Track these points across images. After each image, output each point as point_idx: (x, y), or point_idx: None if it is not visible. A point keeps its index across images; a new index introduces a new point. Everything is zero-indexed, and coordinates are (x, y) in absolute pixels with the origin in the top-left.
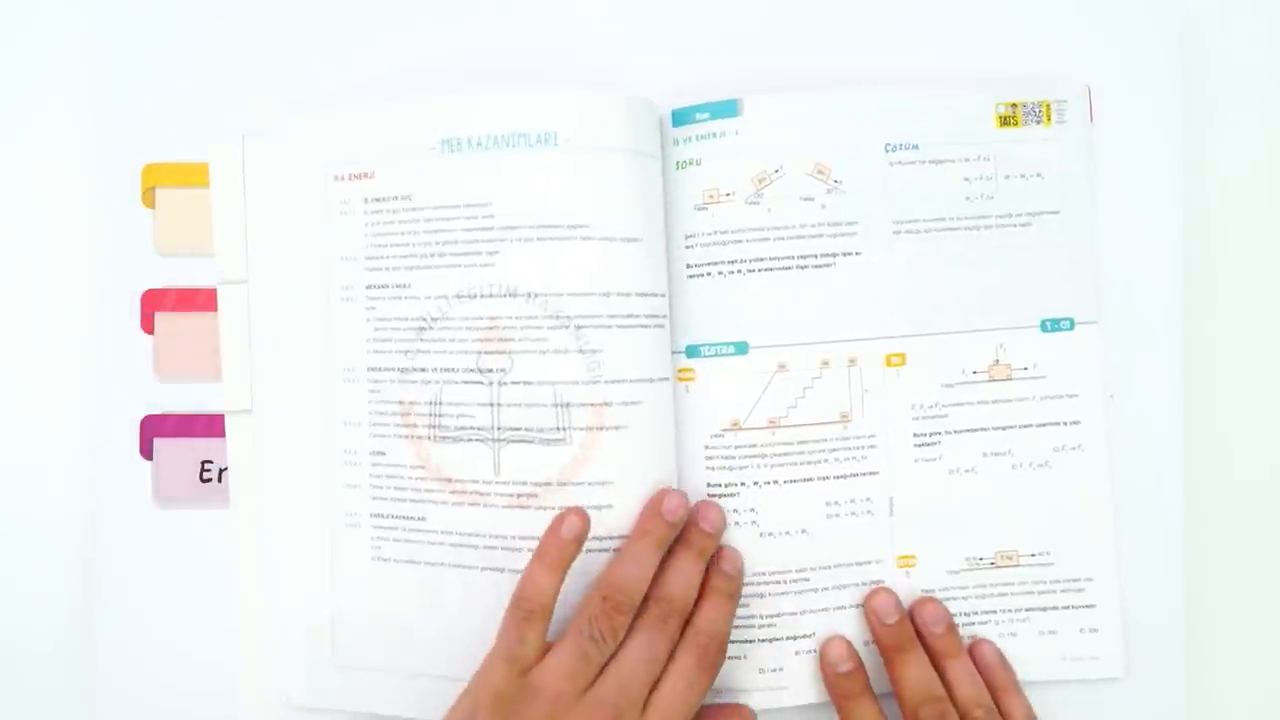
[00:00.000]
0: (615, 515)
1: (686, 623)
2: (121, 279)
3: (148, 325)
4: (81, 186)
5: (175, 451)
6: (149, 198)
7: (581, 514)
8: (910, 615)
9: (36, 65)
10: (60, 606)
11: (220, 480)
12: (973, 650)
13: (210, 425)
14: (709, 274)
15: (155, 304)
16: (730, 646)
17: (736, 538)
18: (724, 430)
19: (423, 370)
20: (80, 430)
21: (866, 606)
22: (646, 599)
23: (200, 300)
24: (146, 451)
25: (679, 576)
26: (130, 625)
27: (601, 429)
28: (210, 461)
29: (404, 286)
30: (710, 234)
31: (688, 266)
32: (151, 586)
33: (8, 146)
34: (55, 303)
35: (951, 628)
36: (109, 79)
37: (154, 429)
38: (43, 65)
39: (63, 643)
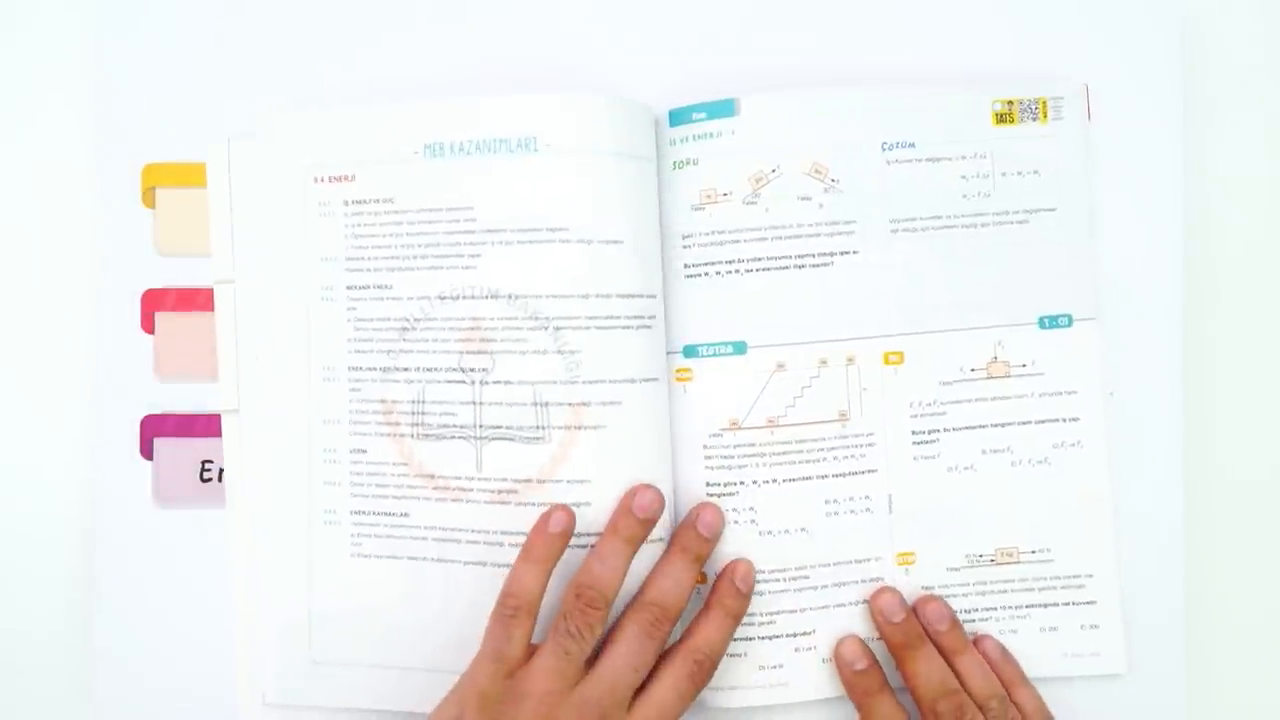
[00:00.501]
0: (593, 513)
1: (687, 632)
2: (121, 279)
3: (148, 325)
4: (81, 186)
5: (175, 451)
6: (149, 198)
7: (567, 510)
8: (914, 613)
9: (36, 65)
10: (60, 606)
11: (220, 480)
12: (976, 647)
13: (210, 425)
14: (706, 274)
15: (155, 304)
16: (730, 644)
17: (736, 536)
18: (722, 430)
19: (405, 370)
20: (80, 430)
21: (872, 606)
22: (638, 601)
23: (200, 300)
24: (146, 451)
25: (669, 580)
26: (130, 625)
27: (580, 428)
28: (210, 461)
29: (385, 288)
30: (708, 234)
31: (685, 266)
32: (151, 586)
33: (8, 146)
34: (55, 303)
35: (955, 624)
36: (109, 79)
37: (154, 429)
38: (43, 65)
39: (63, 642)
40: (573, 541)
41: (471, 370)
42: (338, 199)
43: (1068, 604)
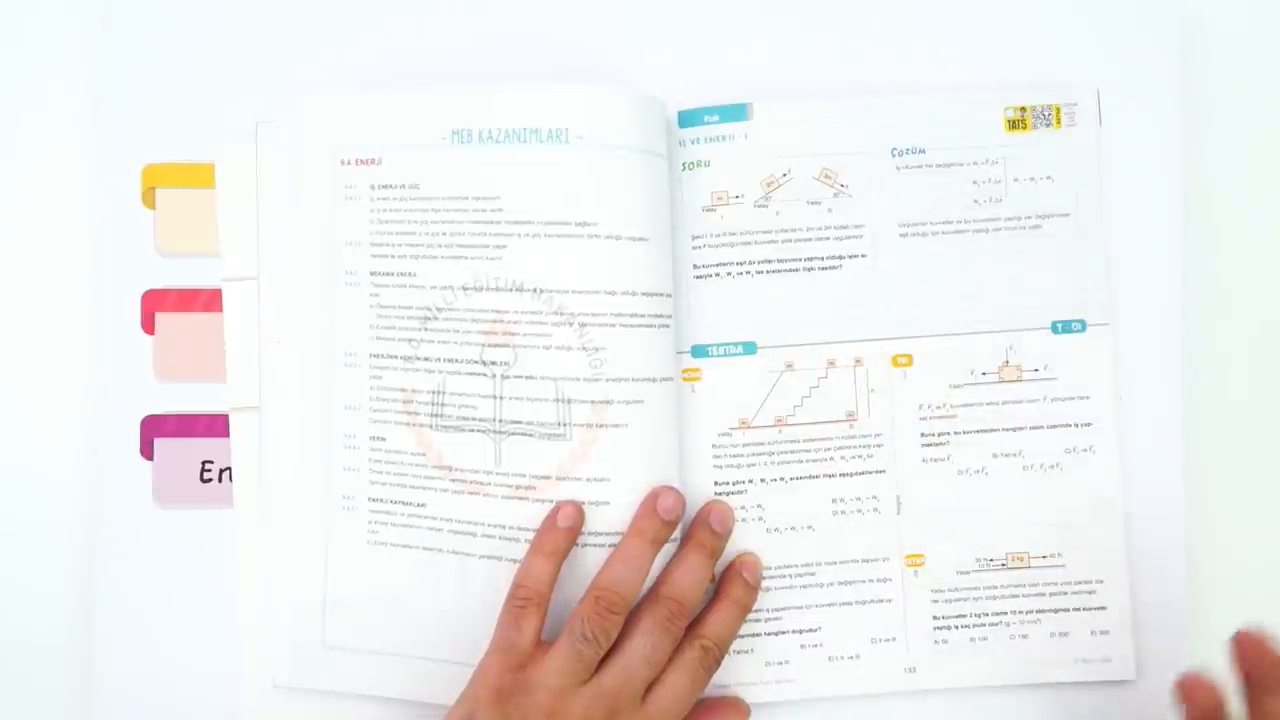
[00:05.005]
0: (613, 512)
1: (696, 622)
2: (121, 279)
3: (148, 325)
4: (81, 186)
5: (175, 451)
6: (149, 198)
7: (575, 505)
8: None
9: (36, 65)
10: (60, 606)
11: (221, 480)
12: None
13: (211, 425)
14: (717, 275)
15: (155, 304)
16: (736, 640)
17: (743, 534)
18: (731, 429)
19: (426, 359)
20: (80, 430)
21: (1238, 646)
22: (655, 595)
23: (200, 300)
24: (147, 451)
25: (689, 577)
26: (130, 625)
27: (602, 426)
28: (211, 461)
29: (409, 275)
30: (718, 235)
31: (694, 267)
32: (151, 586)
33: (8, 146)
34: (55, 303)
35: None
36: (109, 79)
37: (154, 429)
38: (43, 65)
39: (63, 642)
40: (592, 541)
41: (493, 364)
42: (364, 183)
43: (1078, 609)
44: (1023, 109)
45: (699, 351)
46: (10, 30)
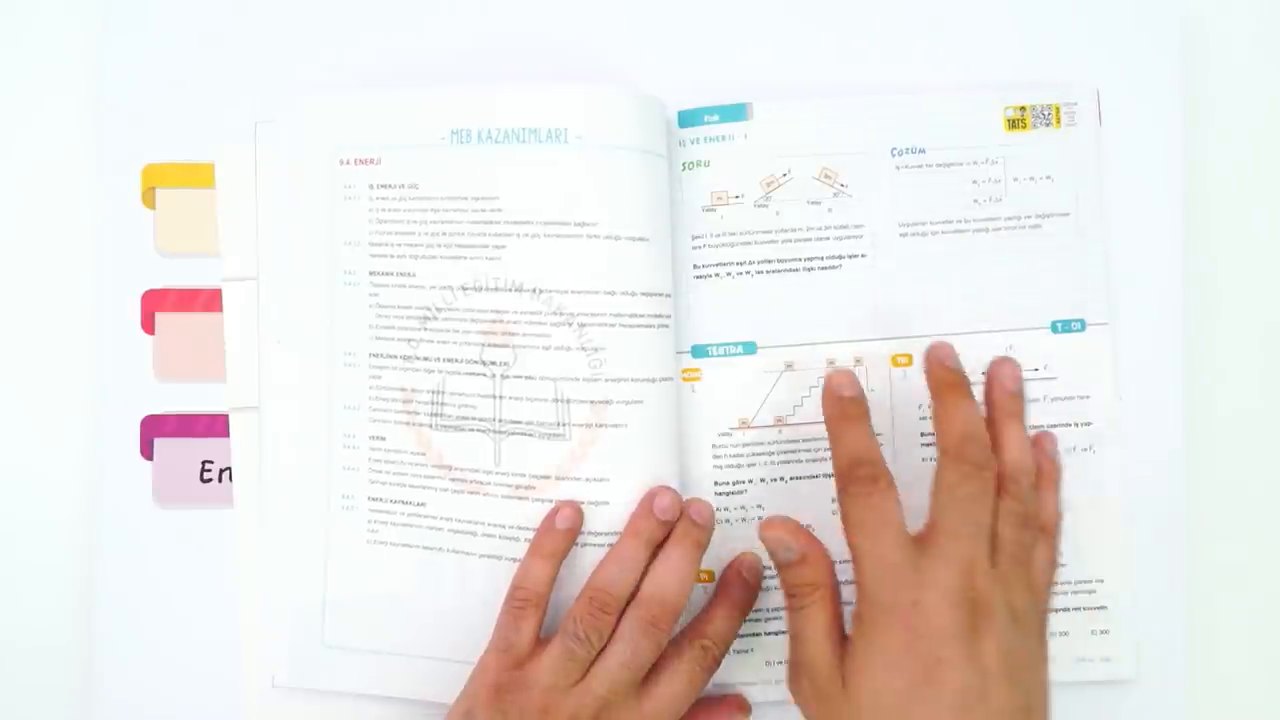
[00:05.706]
0: (612, 511)
1: (695, 620)
2: (121, 279)
3: (148, 325)
4: (81, 186)
5: (175, 451)
6: (149, 198)
7: (574, 506)
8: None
9: (36, 65)
10: (60, 606)
11: (221, 480)
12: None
13: (211, 425)
14: (717, 275)
15: (155, 304)
16: (736, 640)
17: (743, 534)
18: (731, 429)
19: (426, 359)
20: (80, 430)
21: (928, 354)
22: (638, 596)
23: (201, 300)
24: (147, 451)
25: (671, 574)
26: (130, 625)
27: (601, 426)
28: (211, 461)
29: (408, 275)
30: (718, 235)
31: (694, 267)
32: (151, 586)
33: (8, 146)
34: (55, 303)
35: (1021, 394)
36: (109, 79)
37: (154, 429)
38: (43, 65)
39: (63, 643)
40: (591, 541)
41: (492, 364)
42: (363, 182)
43: (1078, 609)
44: (1023, 109)
45: (699, 351)
46: (10, 30)
